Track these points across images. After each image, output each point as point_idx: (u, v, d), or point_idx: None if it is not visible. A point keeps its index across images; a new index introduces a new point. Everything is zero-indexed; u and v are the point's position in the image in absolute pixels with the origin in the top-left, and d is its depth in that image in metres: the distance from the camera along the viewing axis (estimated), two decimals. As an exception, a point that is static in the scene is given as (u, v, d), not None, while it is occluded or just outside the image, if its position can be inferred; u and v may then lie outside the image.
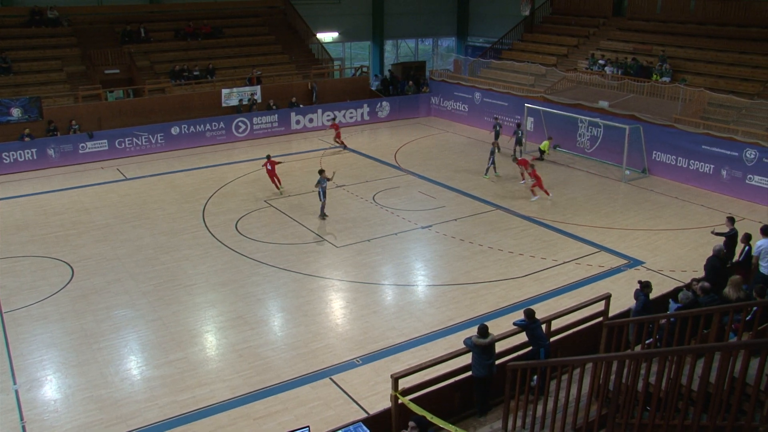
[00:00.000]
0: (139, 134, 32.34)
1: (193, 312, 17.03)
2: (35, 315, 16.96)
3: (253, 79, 36.54)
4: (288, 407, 13.14)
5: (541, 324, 12.02)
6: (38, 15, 36.99)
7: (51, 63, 35.44)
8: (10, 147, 29.91)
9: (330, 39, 46.82)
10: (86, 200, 25.85)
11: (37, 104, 31.04)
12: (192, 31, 39.34)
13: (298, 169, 29.18)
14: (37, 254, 20.78)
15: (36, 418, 12.99)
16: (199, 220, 23.38)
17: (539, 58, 37.85)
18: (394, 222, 22.82)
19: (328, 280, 18.67)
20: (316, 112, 36.73)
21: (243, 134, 34.80)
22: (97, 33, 38.04)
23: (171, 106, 34.55)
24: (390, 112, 38.72)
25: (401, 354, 14.92)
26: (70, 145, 31.00)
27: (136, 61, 36.69)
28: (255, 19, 42.76)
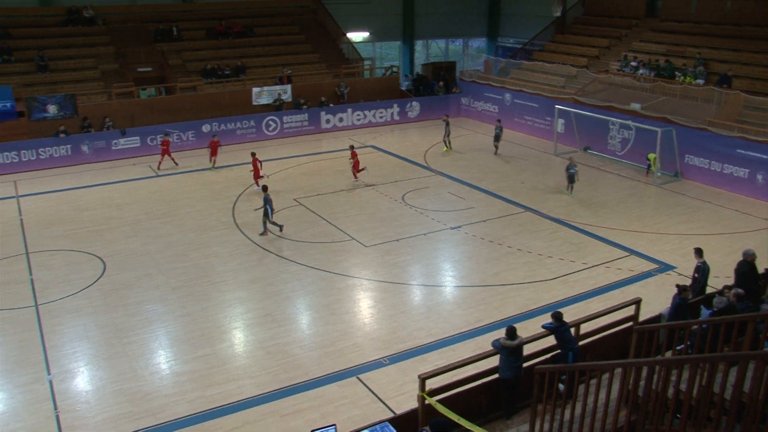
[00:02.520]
0: (170, 131, 32.62)
1: (222, 308, 17.17)
2: (68, 308, 17.23)
3: (284, 78, 36.72)
4: (315, 405, 13.18)
5: (569, 327, 11.93)
6: (75, 14, 37.57)
7: (86, 61, 35.95)
8: (46, 143, 30.44)
9: (360, 39, 46.89)
10: (118, 196, 26.17)
11: (72, 101, 31.49)
12: (224, 30, 39.65)
13: (328, 168, 29.28)
14: (71, 248, 21.10)
15: (69, 408, 13.20)
16: (228, 217, 23.56)
17: (570, 59, 37.60)
18: (423, 222, 22.80)
19: (356, 279, 18.71)
20: (346, 112, 36.82)
21: (273, 133, 34.99)
22: (130, 32, 38.49)
23: (202, 104, 34.85)
24: (420, 112, 38.67)
25: (429, 354, 14.90)
26: (104, 141, 31.42)
27: (168, 60, 37.06)
28: (286, 18, 42.96)
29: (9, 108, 30.37)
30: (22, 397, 13.60)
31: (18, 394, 13.70)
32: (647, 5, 38.20)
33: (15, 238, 22.14)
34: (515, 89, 36.44)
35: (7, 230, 22.84)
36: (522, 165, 29.61)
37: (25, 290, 18.32)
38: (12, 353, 15.17)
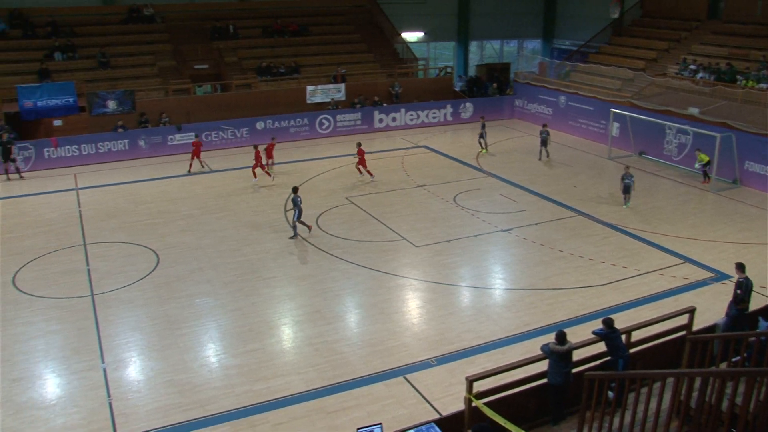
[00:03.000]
0: (225, 128, 33.16)
1: (272, 304, 17.34)
2: (123, 299, 17.61)
3: (338, 77, 36.91)
4: (361, 403, 13.21)
5: (620, 334, 11.75)
6: (136, 12, 38.42)
7: (145, 58, 36.71)
8: (105, 137, 31.20)
9: (415, 39, 46.89)
10: (173, 191, 26.66)
11: (131, 97, 32.14)
12: (279, 29, 40.06)
13: (380, 167, 29.31)
14: (126, 241, 21.56)
15: (121, 397, 13.50)
16: (280, 214, 23.78)
17: (627, 62, 37.01)
18: (474, 224, 22.69)
19: (406, 279, 18.71)
20: (399, 112, 36.87)
21: (326, 131, 35.23)
22: (188, 29, 39.18)
23: (257, 101, 35.26)
24: (473, 113, 38.48)
25: (476, 357, 14.81)
26: (160, 136, 32.04)
27: (224, 57, 37.60)
28: (341, 17, 43.20)
29: (71, 103, 31.16)
30: (78, 383, 13.96)
31: (74, 380, 14.08)
32: (709, 6, 37.40)
33: (74, 229, 22.74)
34: (570, 92, 36.01)
35: (66, 221, 23.47)
36: (575, 168, 29.25)
37: (82, 280, 18.80)
38: (69, 340, 15.59)
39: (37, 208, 25.09)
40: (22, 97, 30.41)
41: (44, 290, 18.21)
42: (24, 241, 21.79)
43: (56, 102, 30.87)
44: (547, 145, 30.23)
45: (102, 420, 12.79)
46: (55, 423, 12.73)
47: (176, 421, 12.74)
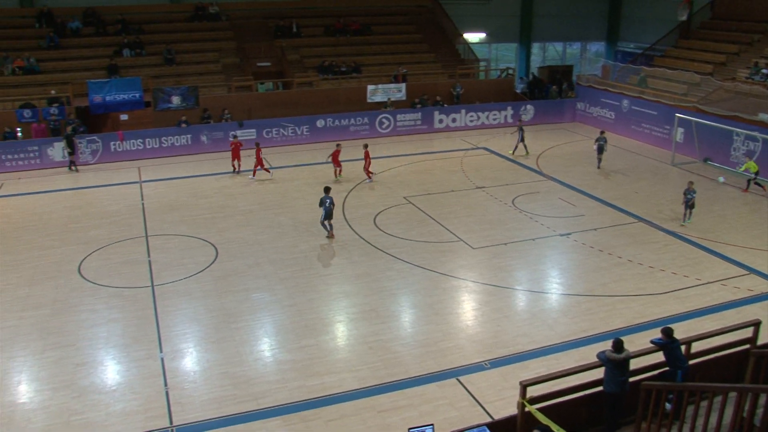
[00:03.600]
0: (285, 125, 33.51)
1: (327, 301, 17.44)
2: (181, 290, 17.95)
3: (399, 77, 36.94)
4: (413, 403, 13.18)
5: (680, 344, 11.44)
6: (201, 10, 39.16)
7: (209, 55, 37.39)
8: (169, 132, 31.87)
9: (477, 39, 46.65)
10: (233, 186, 27.06)
11: (194, 93, 32.76)
12: (341, 28, 40.30)
13: (439, 168, 29.27)
14: (186, 234, 21.97)
15: (177, 386, 13.76)
16: (338, 211, 23.87)
17: (694, 65, 36.05)
18: (532, 227, 22.45)
19: (462, 280, 18.60)
20: (459, 112, 36.70)
21: (386, 130, 35.29)
22: (252, 27, 39.73)
23: (317, 99, 35.53)
24: (534, 115, 38.07)
25: (530, 362, 14.64)
26: (222, 132, 32.53)
27: (286, 55, 37.99)
28: (403, 17, 43.23)
29: (138, 98, 31.95)
30: (137, 371, 14.29)
31: (134, 368, 14.42)
32: (784, 9, 36.17)
33: (137, 220, 23.29)
34: (633, 95, 35.29)
35: (130, 213, 24.06)
36: (636, 174, 28.66)
37: (143, 271, 19.23)
38: (130, 329, 15.97)
39: (103, 200, 25.81)
40: (92, 91, 31.33)
41: (107, 279, 18.70)
42: (89, 231, 22.43)
43: (123, 97, 31.70)
44: (603, 153, 29.25)
45: (159, 408, 13.06)
46: (115, 408, 13.06)
47: (230, 412, 12.92)
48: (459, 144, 33.80)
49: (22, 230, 22.69)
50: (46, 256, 20.48)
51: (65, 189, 27.59)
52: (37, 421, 12.76)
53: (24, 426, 12.62)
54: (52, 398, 13.42)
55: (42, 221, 23.54)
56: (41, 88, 33.12)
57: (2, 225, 23.25)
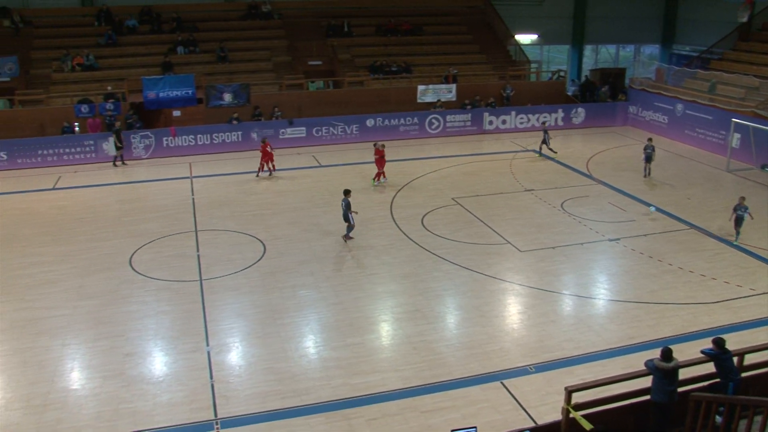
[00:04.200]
0: (335, 124, 33.67)
1: (373, 300, 17.45)
2: (229, 285, 18.15)
3: (450, 78, 36.83)
4: (456, 405, 13.11)
5: (732, 356, 11.15)
6: (254, 9, 39.62)
7: (261, 53, 37.79)
8: (221, 128, 32.31)
9: (528, 41, 46.26)
10: (282, 183, 27.29)
11: (246, 91, 33.11)
12: (393, 28, 40.35)
13: (488, 169, 29.10)
14: (235, 230, 22.21)
15: (223, 380, 13.92)
16: (386, 211, 23.93)
17: (753, 69, 35.10)
18: (580, 231, 22.15)
19: (508, 283, 18.44)
20: (509, 114, 36.42)
21: (435, 131, 35.20)
22: (304, 26, 40.01)
23: (367, 99, 35.61)
24: (585, 118, 37.60)
25: (576, 367, 14.43)
26: (272, 130, 32.85)
27: (338, 54, 38.16)
28: (454, 18, 43.08)
29: (190, 95, 32.44)
30: (184, 363, 14.50)
31: (180, 360, 14.63)
32: None
33: (187, 215, 23.64)
34: (688, 100, 34.58)
35: (180, 208, 24.44)
36: (689, 180, 28.06)
37: (192, 265, 19.51)
38: (178, 322, 16.21)
39: (154, 194, 26.29)
40: (146, 88, 31.94)
41: (157, 272, 19.02)
42: (141, 224, 22.84)
43: (176, 93, 32.21)
44: (651, 162, 28.21)
45: (204, 400, 13.22)
46: (161, 399, 13.27)
47: (274, 407, 13.01)
48: (508, 146, 33.53)
49: (77, 222, 23.24)
50: (99, 248, 20.94)
51: (119, 183, 28.18)
52: (89, 407, 13.06)
53: (76, 411, 12.94)
54: (102, 386, 13.71)
55: (96, 214, 24.08)
56: (98, 84, 33.90)
57: (59, 216, 23.86)
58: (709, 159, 31.24)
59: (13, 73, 33.69)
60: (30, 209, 24.82)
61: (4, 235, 22.19)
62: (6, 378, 14.12)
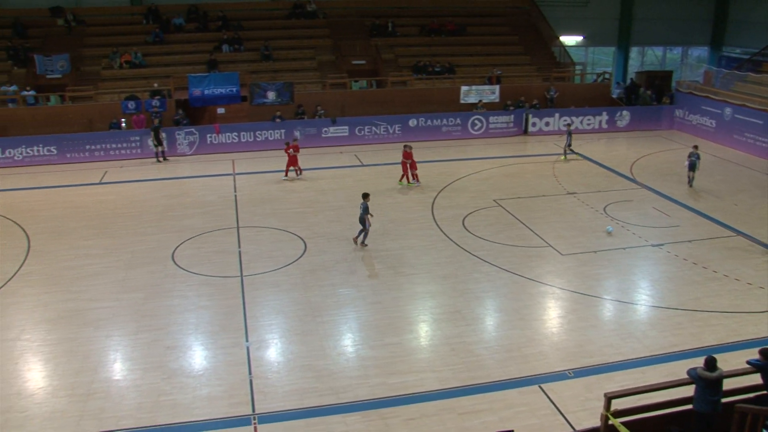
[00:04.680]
0: (378, 123, 33.71)
1: (412, 300, 17.44)
2: (269, 282, 18.30)
3: (493, 79, 36.64)
4: (493, 408, 13.03)
5: (780, 367, 10.91)
6: (299, 8, 39.92)
7: (305, 52, 38.04)
8: (264, 126, 32.60)
9: (573, 42, 45.78)
10: (324, 182, 27.42)
11: (290, 89, 33.34)
12: (437, 28, 40.29)
13: (531, 171, 28.88)
14: (276, 227, 22.37)
15: (261, 375, 14.04)
16: (427, 211, 23.89)
17: (807, 73, 34.32)
18: (623, 236, 21.85)
19: (549, 287, 18.28)
20: (553, 116, 36.08)
21: (478, 132, 35.04)
22: (348, 26, 40.18)
23: (410, 99, 35.63)
24: (630, 121, 37.08)
25: (616, 374, 14.24)
26: (315, 128, 33.03)
27: (381, 54, 38.23)
28: (499, 18, 42.86)
29: (235, 92, 32.78)
30: (223, 358, 14.65)
31: (220, 354, 14.79)
32: None
33: (229, 212, 23.90)
34: (737, 104, 33.86)
35: (223, 204, 24.72)
36: (737, 185, 27.49)
37: (233, 261, 19.71)
38: (218, 317, 16.40)
39: (198, 190, 26.62)
40: (192, 85, 32.36)
41: (199, 267, 19.25)
42: (184, 220, 23.16)
43: (221, 91, 32.58)
44: (695, 170, 27.21)
45: (242, 395, 13.35)
46: (201, 392, 13.43)
47: (311, 404, 13.08)
48: (551, 148, 33.23)
49: (122, 216, 23.65)
50: (143, 242, 21.29)
51: (163, 178, 28.61)
52: (130, 398, 13.31)
53: (118, 401, 13.20)
54: (143, 378, 13.94)
55: (140, 208, 24.48)
56: (145, 81, 34.51)
57: (104, 210, 24.30)
58: (758, 164, 30.59)
59: (65, 70, 34.49)
60: (77, 203, 25.35)
61: (52, 227, 22.69)
62: (53, 366, 14.47)
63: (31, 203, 25.36)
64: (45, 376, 14.15)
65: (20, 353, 14.99)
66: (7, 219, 23.64)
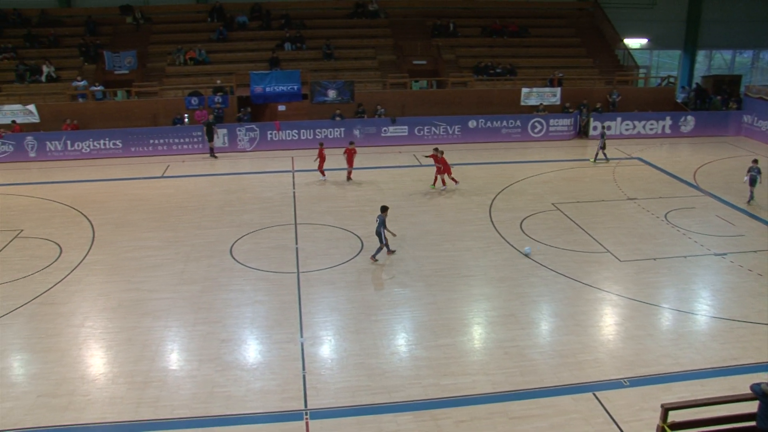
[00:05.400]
0: (437, 124, 33.66)
1: (467, 302, 17.35)
2: (325, 279, 18.44)
3: (555, 81, 36.22)
4: (546, 414, 12.88)
5: None
6: (361, 8, 40.16)
7: (366, 51, 38.21)
8: (323, 124, 32.86)
9: (638, 45, 44.99)
10: (381, 180, 27.49)
11: (350, 88, 33.55)
12: (499, 29, 40.04)
13: (591, 176, 28.47)
14: (333, 225, 22.52)
15: (314, 371, 14.15)
16: (485, 213, 23.76)
17: None
18: (684, 244, 21.36)
19: (606, 293, 17.98)
20: (614, 120, 35.49)
21: (538, 134, 34.69)
22: (409, 26, 40.22)
23: (471, 100, 35.49)
24: (694, 127, 36.22)
25: (673, 384, 13.92)
26: (374, 127, 33.16)
27: (442, 54, 38.17)
28: (562, 20, 42.39)
29: (296, 90, 33.15)
30: (278, 353, 14.81)
31: (274, 349, 14.96)
32: None
33: (287, 208, 24.17)
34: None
35: (281, 201, 25.02)
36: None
37: (290, 257, 19.92)
38: (273, 312, 16.59)
39: (257, 186, 27.00)
40: (254, 82, 32.84)
41: (256, 262, 19.52)
42: (243, 215, 23.51)
43: (282, 88, 32.97)
44: (755, 185, 25.79)
45: (295, 390, 13.48)
46: (254, 386, 13.61)
47: (363, 402, 13.13)
48: (612, 153, 32.67)
49: (183, 210, 24.14)
50: (202, 235, 21.68)
51: (223, 173, 29.10)
52: (185, 388, 13.57)
53: (174, 391, 13.48)
54: (198, 369, 14.20)
55: (200, 202, 24.94)
56: (208, 78, 35.13)
57: (165, 204, 24.84)
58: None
59: (132, 66, 35.43)
60: (140, 195, 25.97)
61: (116, 219, 23.30)
62: (113, 354, 14.86)
63: (96, 195, 26.10)
64: (106, 363, 14.55)
65: (84, 340, 15.47)
66: (74, 209, 24.38)
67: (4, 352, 15.00)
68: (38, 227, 22.65)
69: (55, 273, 19.03)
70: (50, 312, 16.72)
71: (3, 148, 31.19)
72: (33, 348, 15.13)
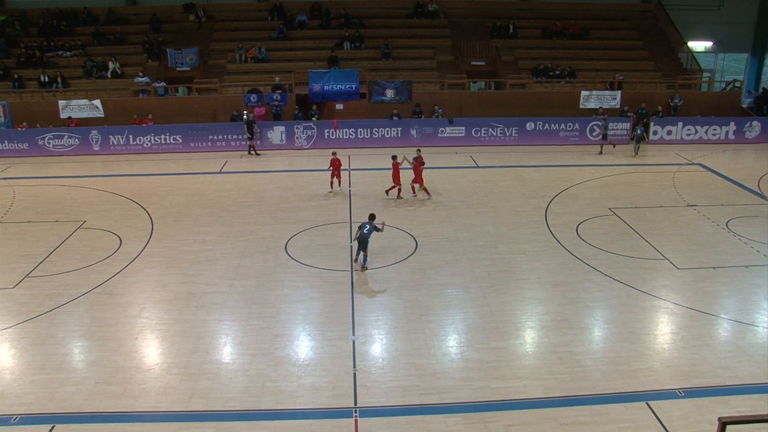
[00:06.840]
0: (495, 125, 33.46)
1: (520, 305, 17.24)
2: (379, 278, 18.53)
3: (615, 84, 35.67)
4: (597, 421, 12.72)
5: None
6: (420, 8, 40.21)
7: (425, 51, 38.21)
8: (381, 123, 32.99)
9: (702, 48, 43.91)
10: (438, 181, 27.44)
11: (408, 87, 33.61)
12: (559, 31, 39.61)
13: (649, 181, 27.97)
14: (388, 224, 22.49)
15: (365, 369, 14.24)
16: (541, 216, 23.56)
17: None
18: (746, 253, 20.82)
19: (662, 301, 17.65)
20: (676, 125, 34.76)
21: (596, 138, 34.18)
22: (468, 26, 40.10)
23: (529, 101, 35.18)
24: (760, 133, 35.22)
25: (731, 398, 13.56)
26: (431, 128, 33.14)
27: (501, 56, 37.94)
28: (624, 22, 41.71)
29: (354, 89, 33.36)
30: (329, 350, 14.95)
31: (326, 346, 15.10)
32: None
33: (342, 206, 24.38)
34: None
35: (338, 199, 25.20)
36: None
37: (344, 255, 20.06)
38: (326, 310, 16.75)
39: (313, 184, 27.25)
40: (312, 80, 33.17)
41: (310, 259, 19.72)
42: (298, 212, 23.78)
43: (340, 87, 33.21)
44: None
45: (345, 387, 13.59)
46: (305, 381, 13.76)
47: (412, 402, 13.16)
48: (672, 158, 32.04)
49: (239, 205, 24.52)
50: (258, 231, 22.00)
51: (280, 170, 29.46)
52: (237, 381, 13.81)
53: (227, 383, 13.74)
54: (251, 363, 14.43)
55: (257, 198, 25.30)
56: (267, 76, 35.57)
57: (222, 199, 25.26)
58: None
59: (193, 63, 36.16)
60: (198, 190, 26.48)
61: (175, 213, 23.80)
62: (168, 345, 15.20)
63: (156, 189, 26.71)
64: (161, 353, 14.91)
65: (140, 330, 15.87)
66: (134, 202, 24.98)
67: (66, 338, 15.51)
68: (100, 219, 23.29)
69: (114, 264, 19.56)
70: (109, 302, 17.20)
71: (69, 141, 32.12)
72: (92, 336, 15.60)
